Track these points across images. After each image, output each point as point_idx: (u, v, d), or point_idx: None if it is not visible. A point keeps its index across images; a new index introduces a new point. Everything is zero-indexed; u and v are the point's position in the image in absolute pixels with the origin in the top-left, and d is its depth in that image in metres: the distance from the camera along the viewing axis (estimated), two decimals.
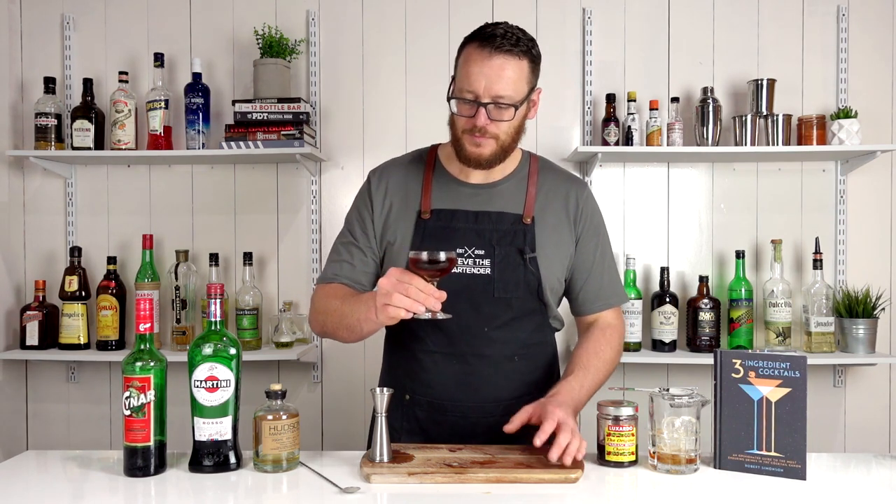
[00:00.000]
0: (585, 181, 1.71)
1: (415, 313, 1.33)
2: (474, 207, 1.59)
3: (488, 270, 1.55)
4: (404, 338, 1.61)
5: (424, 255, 1.34)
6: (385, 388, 1.43)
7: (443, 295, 1.33)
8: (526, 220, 1.58)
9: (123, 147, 2.64)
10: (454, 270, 1.52)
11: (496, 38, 1.46)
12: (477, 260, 1.55)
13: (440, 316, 1.36)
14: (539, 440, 1.36)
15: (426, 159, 1.66)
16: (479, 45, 1.47)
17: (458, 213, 1.59)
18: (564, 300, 1.70)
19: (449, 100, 1.53)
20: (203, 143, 2.67)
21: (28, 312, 2.64)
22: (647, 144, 2.65)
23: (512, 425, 1.43)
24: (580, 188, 1.66)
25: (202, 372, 1.39)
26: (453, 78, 1.55)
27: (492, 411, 1.57)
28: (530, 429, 1.61)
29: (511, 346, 1.58)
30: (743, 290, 2.60)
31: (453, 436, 1.55)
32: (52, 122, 2.67)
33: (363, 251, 1.63)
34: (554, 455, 1.34)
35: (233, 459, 1.41)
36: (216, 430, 1.39)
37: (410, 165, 1.67)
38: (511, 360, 1.58)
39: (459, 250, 1.55)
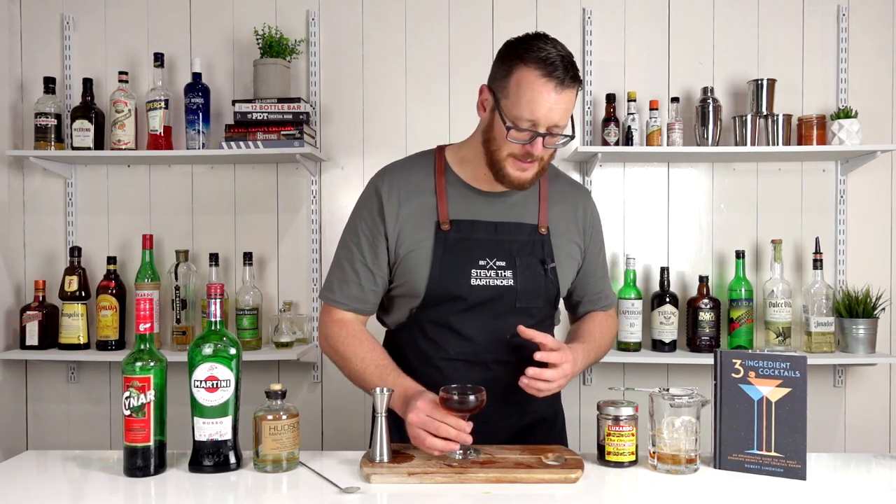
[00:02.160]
0: (588, 189, 1.73)
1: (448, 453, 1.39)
2: (492, 217, 1.57)
3: (511, 282, 1.55)
4: (420, 345, 1.60)
5: (455, 396, 1.37)
6: (385, 388, 1.43)
7: (470, 425, 1.37)
8: (542, 230, 1.59)
9: (123, 147, 2.64)
10: (478, 283, 1.53)
11: (558, 69, 1.40)
12: (499, 272, 1.55)
13: (472, 455, 1.42)
14: (539, 356, 1.45)
15: (435, 164, 1.61)
16: (541, 74, 1.41)
17: (477, 224, 1.56)
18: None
19: (508, 129, 1.44)
20: (203, 143, 2.67)
21: (28, 312, 2.64)
22: (647, 144, 2.65)
23: (527, 333, 1.47)
24: (586, 198, 1.71)
25: (202, 372, 1.39)
26: (491, 91, 1.49)
27: (512, 413, 1.60)
28: (530, 429, 1.62)
29: (530, 352, 1.58)
30: (743, 290, 2.60)
31: (476, 440, 1.54)
32: (52, 122, 2.67)
33: (371, 271, 1.58)
34: (529, 370, 1.43)
35: (233, 459, 1.41)
36: (216, 430, 1.39)
37: (418, 170, 1.61)
38: (530, 363, 1.57)
39: (482, 262, 1.54)
